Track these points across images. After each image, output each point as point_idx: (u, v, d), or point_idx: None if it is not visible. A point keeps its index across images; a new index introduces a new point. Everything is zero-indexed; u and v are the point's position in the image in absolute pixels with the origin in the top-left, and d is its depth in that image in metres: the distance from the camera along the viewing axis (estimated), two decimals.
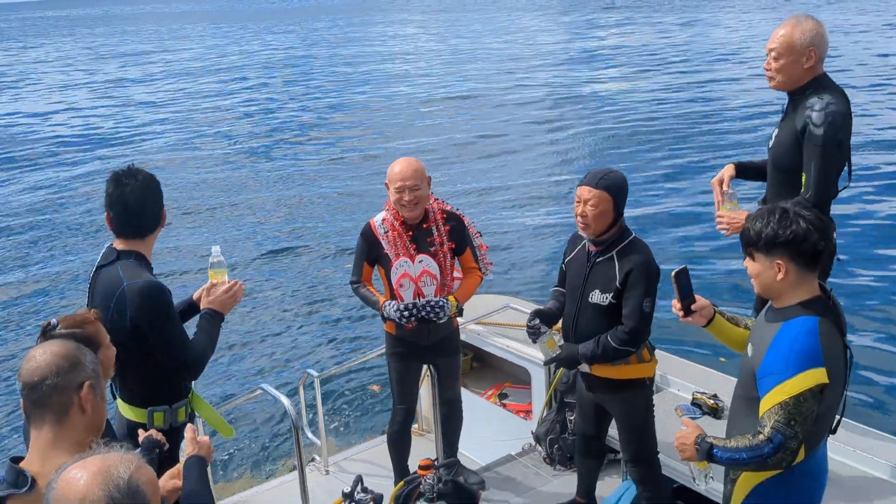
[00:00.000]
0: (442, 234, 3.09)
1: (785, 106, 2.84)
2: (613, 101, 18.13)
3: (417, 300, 3.03)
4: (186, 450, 1.85)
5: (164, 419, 2.37)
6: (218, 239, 9.13)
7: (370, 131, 15.54)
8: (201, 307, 2.48)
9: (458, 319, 3.37)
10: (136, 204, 2.33)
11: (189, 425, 2.01)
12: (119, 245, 2.38)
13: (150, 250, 2.47)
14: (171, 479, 1.79)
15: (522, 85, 21.36)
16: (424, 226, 3.07)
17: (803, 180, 2.66)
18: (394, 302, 3.05)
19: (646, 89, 18.80)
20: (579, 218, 2.65)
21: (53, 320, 1.82)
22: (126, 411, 2.42)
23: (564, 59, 26.55)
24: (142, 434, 2.04)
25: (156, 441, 1.94)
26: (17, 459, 1.51)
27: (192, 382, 2.60)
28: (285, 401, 3.13)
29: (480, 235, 3.32)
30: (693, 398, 3.32)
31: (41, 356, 1.52)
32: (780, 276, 1.91)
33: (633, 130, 14.68)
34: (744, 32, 29.34)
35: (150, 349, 2.31)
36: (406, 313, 3.01)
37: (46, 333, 1.75)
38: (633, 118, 15.91)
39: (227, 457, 4.99)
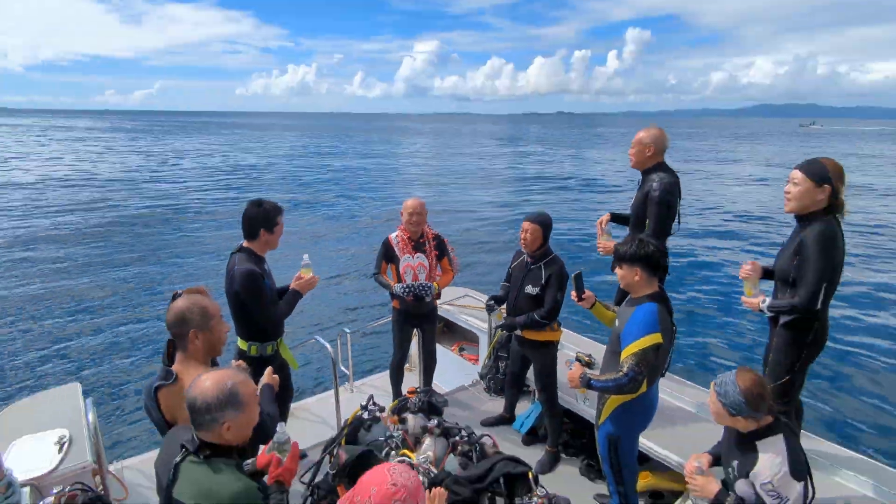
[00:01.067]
0: (431, 246, 4.05)
1: (640, 180, 3.59)
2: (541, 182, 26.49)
3: (415, 282, 3.96)
4: (263, 379, 2.35)
5: (257, 350, 3.14)
6: (308, 248, 13.16)
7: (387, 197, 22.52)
8: (291, 288, 3.18)
9: (437, 301, 4.23)
10: (248, 218, 3.08)
11: (268, 368, 2.49)
12: (244, 243, 3.13)
13: (261, 248, 3.11)
14: (268, 378, 2.36)
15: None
16: (421, 240, 4.04)
17: (646, 224, 3.43)
18: (399, 284, 3.95)
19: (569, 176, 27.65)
20: (522, 241, 3.48)
21: (179, 290, 2.28)
22: (239, 342, 3.21)
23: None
24: (233, 363, 2.48)
25: (241, 367, 2.24)
26: (168, 367, 2.06)
27: (283, 330, 3.30)
28: (329, 346, 3.88)
29: (454, 249, 4.24)
30: (577, 356, 4.20)
31: (172, 312, 2.05)
32: (636, 278, 2.56)
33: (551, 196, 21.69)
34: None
35: (248, 309, 2.96)
36: (407, 290, 3.93)
37: (175, 298, 2.21)
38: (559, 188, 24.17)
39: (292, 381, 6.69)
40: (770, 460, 1.98)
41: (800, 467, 1.97)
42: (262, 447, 2.02)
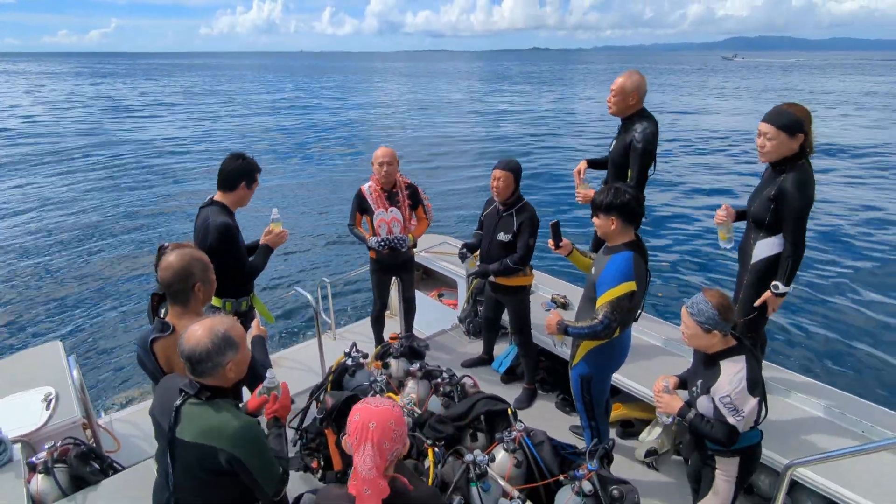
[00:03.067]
0: (404, 195, 3.98)
1: (619, 126, 3.54)
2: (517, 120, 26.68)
3: (389, 235, 3.95)
4: (252, 332, 2.44)
5: (232, 307, 3.07)
6: (283, 198, 13.47)
7: (362, 143, 22.20)
8: (261, 243, 3.13)
9: (414, 249, 4.21)
10: (228, 170, 3.00)
11: (256, 318, 2.68)
12: (216, 196, 3.05)
13: (234, 203, 3.05)
14: (256, 330, 2.48)
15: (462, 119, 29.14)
16: (394, 190, 3.97)
17: (629, 174, 3.42)
18: (374, 237, 3.94)
19: (542, 111, 28.11)
20: (494, 188, 3.44)
21: (166, 243, 2.31)
22: (212, 300, 2.84)
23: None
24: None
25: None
26: (163, 319, 2.09)
27: (254, 285, 3.26)
28: (309, 296, 3.91)
29: (428, 198, 4.19)
30: (552, 298, 4.35)
31: (172, 269, 2.04)
32: (613, 226, 2.57)
33: (528, 144, 21.24)
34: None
35: (223, 264, 2.71)
36: (382, 243, 3.92)
37: (160, 251, 2.23)
38: (530, 136, 23.35)
39: (274, 331, 6.69)
40: (730, 376, 2.16)
41: (756, 385, 2.16)
42: (251, 393, 2.09)
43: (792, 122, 2.62)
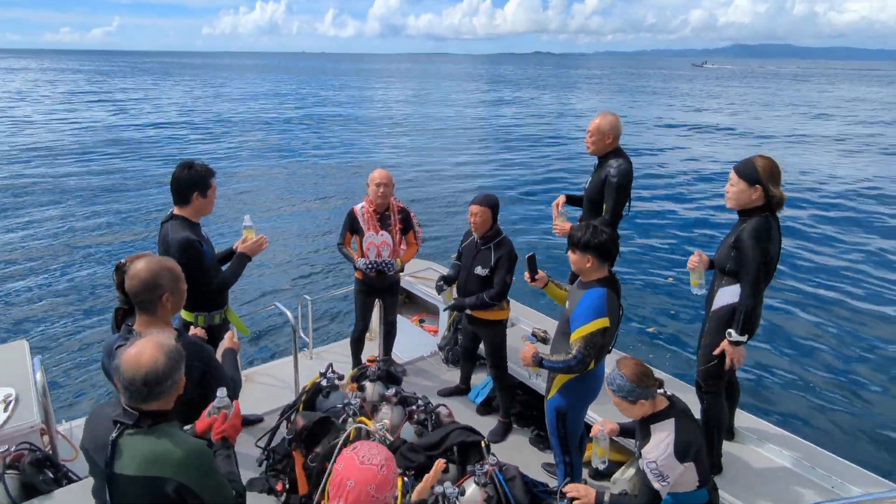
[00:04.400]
0: (396, 219, 3.99)
1: (596, 164, 3.64)
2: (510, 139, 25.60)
3: (378, 259, 3.94)
4: (224, 344, 2.36)
5: (204, 320, 2.99)
6: (252, 210, 12.71)
7: (356, 151, 22.22)
8: (237, 251, 3.03)
9: (400, 273, 4.22)
10: (179, 182, 2.87)
11: (229, 331, 2.48)
12: (175, 210, 2.92)
13: (194, 215, 2.91)
14: (229, 343, 2.37)
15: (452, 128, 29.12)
16: (386, 213, 3.98)
17: (604, 208, 3.50)
18: (363, 259, 3.93)
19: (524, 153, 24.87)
20: (471, 223, 3.47)
21: (123, 259, 2.24)
22: (183, 314, 3.03)
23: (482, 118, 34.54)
24: (192, 330, 2.57)
25: (198, 336, 2.37)
26: (129, 325, 2.02)
27: (227, 298, 3.15)
28: (289, 313, 3.82)
29: (419, 224, 4.20)
30: (532, 331, 3.82)
31: (139, 279, 1.96)
32: (588, 264, 2.62)
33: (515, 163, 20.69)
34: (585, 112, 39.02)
35: (189, 280, 2.42)
36: (370, 266, 3.90)
37: (119, 269, 2.16)
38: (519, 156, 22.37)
39: (250, 345, 6.63)
40: (657, 443, 2.18)
41: (687, 450, 2.16)
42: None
43: (751, 172, 2.70)
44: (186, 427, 1.93)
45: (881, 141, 26.67)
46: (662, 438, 2.16)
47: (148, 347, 1.62)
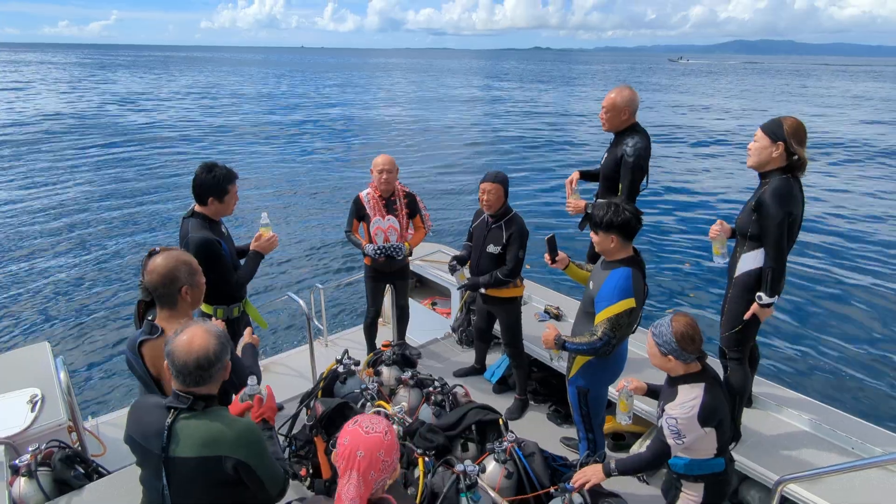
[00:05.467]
0: (402, 204, 3.99)
1: (612, 140, 3.55)
2: (508, 129, 25.73)
3: (386, 244, 3.96)
4: (244, 340, 2.43)
5: (223, 313, 3.08)
6: (261, 202, 13.12)
7: (361, 144, 22.35)
8: (250, 249, 3.11)
9: (409, 258, 4.22)
10: (198, 184, 2.93)
11: (248, 327, 2.60)
12: (196, 207, 3.01)
13: (214, 214, 2.98)
14: (248, 338, 2.45)
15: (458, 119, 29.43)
16: (392, 198, 3.98)
17: (620, 187, 3.44)
18: (371, 244, 3.95)
19: (531, 126, 26.65)
20: (483, 201, 3.45)
21: (157, 248, 2.22)
22: (203, 307, 3.07)
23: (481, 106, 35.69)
24: (212, 322, 2.55)
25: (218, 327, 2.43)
26: (151, 321, 2.06)
27: (246, 291, 3.20)
28: (302, 302, 3.89)
29: (426, 207, 4.20)
30: (545, 309, 4.33)
31: (157, 272, 2.01)
32: (612, 244, 2.58)
33: (520, 150, 21.02)
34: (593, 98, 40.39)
35: (208, 276, 2.42)
36: (378, 251, 3.92)
37: (150, 255, 2.14)
38: (521, 142, 22.87)
39: (266, 336, 6.74)
40: (683, 400, 2.16)
41: (711, 416, 2.14)
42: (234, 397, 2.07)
43: (775, 128, 2.64)
44: None
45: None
46: (689, 399, 2.15)
47: (199, 333, 1.68)
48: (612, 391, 2.54)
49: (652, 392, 2.54)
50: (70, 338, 7.29)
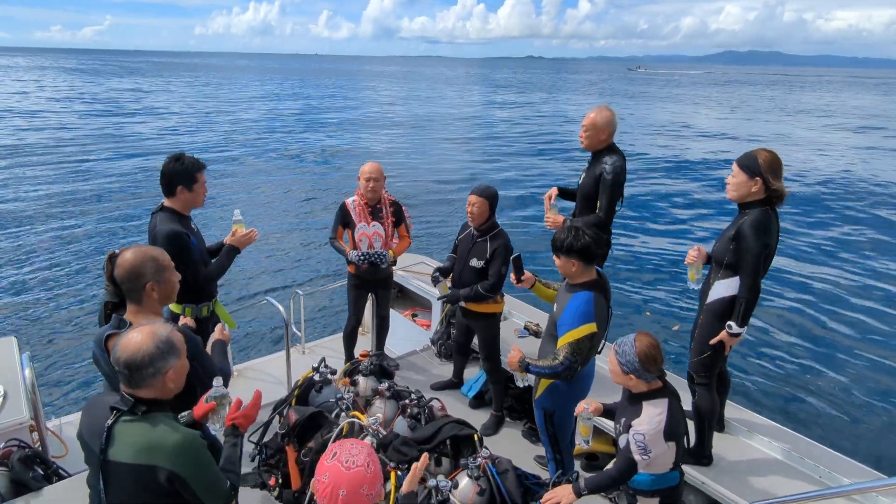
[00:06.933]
0: (388, 212, 3.99)
1: (590, 159, 3.61)
2: (497, 140, 25.83)
3: (370, 250, 3.93)
4: (214, 336, 2.39)
5: (192, 312, 3.01)
6: (243, 205, 12.93)
7: (351, 148, 22.37)
8: (225, 244, 3.07)
9: (393, 267, 4.23)
10: (166, 174, 2.87)
11: (220, 323, 2.56)
12: (165, 201, 2.94)
13: (183, 207, 2.93)
14: (219, 334, 2.38)
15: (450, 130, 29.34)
16: (378, 206, 3.97)
17: (598, 205, 3.49)
18: (355, 251, 3.92)
19: (515, 139, 26.48)
20: (469, 213, 3.46)
21: (115, 251, 2.17)
22: (171, 306, 3.01)
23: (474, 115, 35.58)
24: (181, 320, 2.60)
25: (188, 325, 2.39)
26: (120, 316, 2.04)
27: (217, 290, 3.17)
28: (281, 308, 3.88)
29: (410, 217, 4.19)
30: (525, 325, 4.31)
31: (122, 267, 2.00)
32: (573, 268, 2.60)
33: (504, 163, 20.87)
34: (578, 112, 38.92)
35: (177, 270, 2.36)
36: (363, 257, 3.90)
37: (111, 259, 2.12)
38: (506, 153, 22.77)
39: (242, 340, 6.61)
40: (650, 416, 2.19)
41: (674, 430, 2.19)
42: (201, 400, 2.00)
43: (751, 164, 2.71)
44: (183, 413, 1.93)
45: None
46: (655, 414, 2.18)
47: (140, 333, 1.64)
48: (576, 411, 2.54)
49: (608, 412, 2.54)
50: (38, 335, 7.08)
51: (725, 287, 2.81)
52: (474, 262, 3.52)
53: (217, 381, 1.92)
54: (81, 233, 11.00)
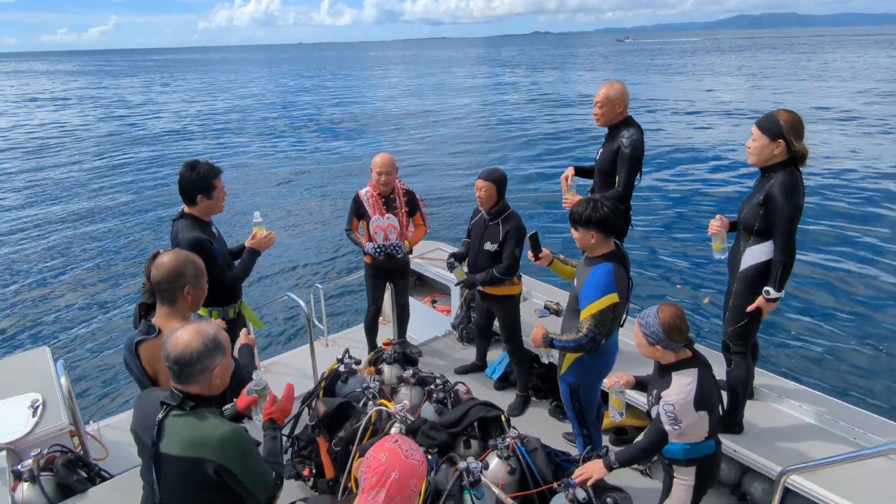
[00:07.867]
0: (401, 202, 3.99)
1: (606, 134, 3.57)
2: (506, 123, 25.27)
3: (385, 242, 3.96)
4: (240, 341, 2.44)
5: (218, 315, 3.07)
6: (259, 203, 12.85)
7: (362, 139, 22.36)
8: (246, 246, 3.12)
9: (409, 256, 4.21)
10: (185, 183, 2.92)
11: (245, 328, 2.63)
12: (185, 208, 2.99)
13: (204, 213, 2.97)
14: (244, 339, 2.45)
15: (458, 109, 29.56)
16: (391, 196, 3.97)
17: (617, 180, 3.45)
18: (371, 243, 3.94)
19: (527, 119, 26.06)
20: (477, 199, 3.48)
21: (160, 250, 2.25)
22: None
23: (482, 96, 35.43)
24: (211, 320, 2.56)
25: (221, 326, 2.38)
26: (149, 321, 2.07)
27: (242, 292, 3.22)
28: (302, 302, 3.90)
29: (426, 205, 4.20)
30: (545, 304, 3.86)
31: (165, 268, 2.03)
32: (592, 240, 2.61)
33: (517, 142, 20.88)
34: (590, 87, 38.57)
35: None
36: (378, 249, 3.91)
37: (155, 257, 2.17)
38: (516, 134, 22.48)
39: (266, 337, 6.70)
40: (679, 386, 2.19)
41: (705, 400, 2.18)
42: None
43: (773, 126, 2.64)
44: (226, 406, 2.02)
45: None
46: (685, 384, 2.18)
47: (188, 331, 1.70)
48: (607, 385, 2.55)
49: (640, 384, 2.55)
50: (70, 342, 7.28)
51: (759, 252, 2.75)
52: (488, 246, 3.52)
53: (256, 375, 1.99)
54: (108, 237, 11.20)
